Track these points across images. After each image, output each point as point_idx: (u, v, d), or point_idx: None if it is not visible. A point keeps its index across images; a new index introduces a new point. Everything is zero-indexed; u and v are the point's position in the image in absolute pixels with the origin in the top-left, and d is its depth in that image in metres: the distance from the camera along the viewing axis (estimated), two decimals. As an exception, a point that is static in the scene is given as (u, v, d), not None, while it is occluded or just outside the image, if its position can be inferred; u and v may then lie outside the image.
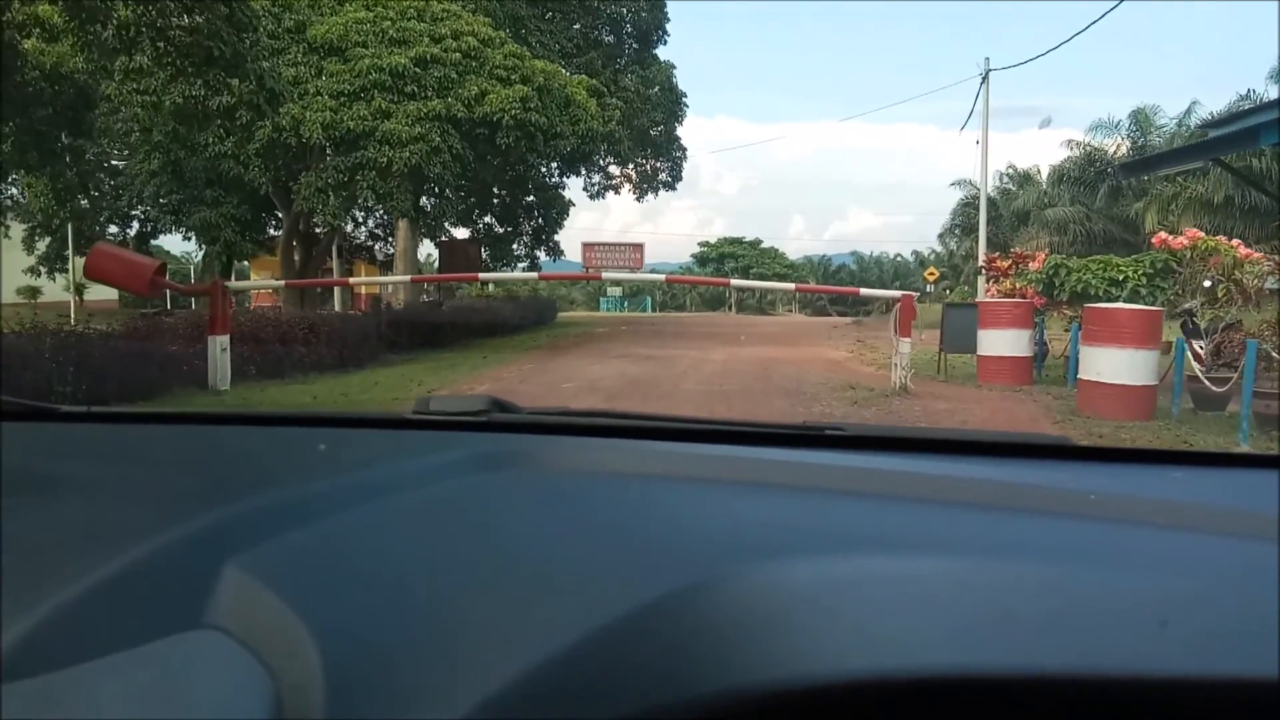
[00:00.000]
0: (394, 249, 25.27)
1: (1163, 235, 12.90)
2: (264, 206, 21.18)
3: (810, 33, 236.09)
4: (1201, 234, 12.04)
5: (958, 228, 38.04)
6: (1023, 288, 13.58)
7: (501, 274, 24.12)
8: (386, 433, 1.28)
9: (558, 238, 26.43)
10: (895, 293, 11.16)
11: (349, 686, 0.54)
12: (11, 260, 25.56)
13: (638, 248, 37.69)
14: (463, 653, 0.57)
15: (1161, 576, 0.67)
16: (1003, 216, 33.11)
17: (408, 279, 20.41)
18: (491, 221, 26.25)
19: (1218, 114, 22.31)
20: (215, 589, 0.65)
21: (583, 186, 30.30)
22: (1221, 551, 0.74)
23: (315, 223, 20.77)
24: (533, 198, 25.50)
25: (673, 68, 26.68)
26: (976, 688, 0.52)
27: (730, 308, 48.52)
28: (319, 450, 1.13)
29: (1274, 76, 24.74)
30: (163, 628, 0.59)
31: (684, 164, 28.75)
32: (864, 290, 19.88)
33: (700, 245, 59.12)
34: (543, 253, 26.16)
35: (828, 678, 0.52)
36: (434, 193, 20.73)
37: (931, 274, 31.44)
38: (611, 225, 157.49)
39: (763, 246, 57.15)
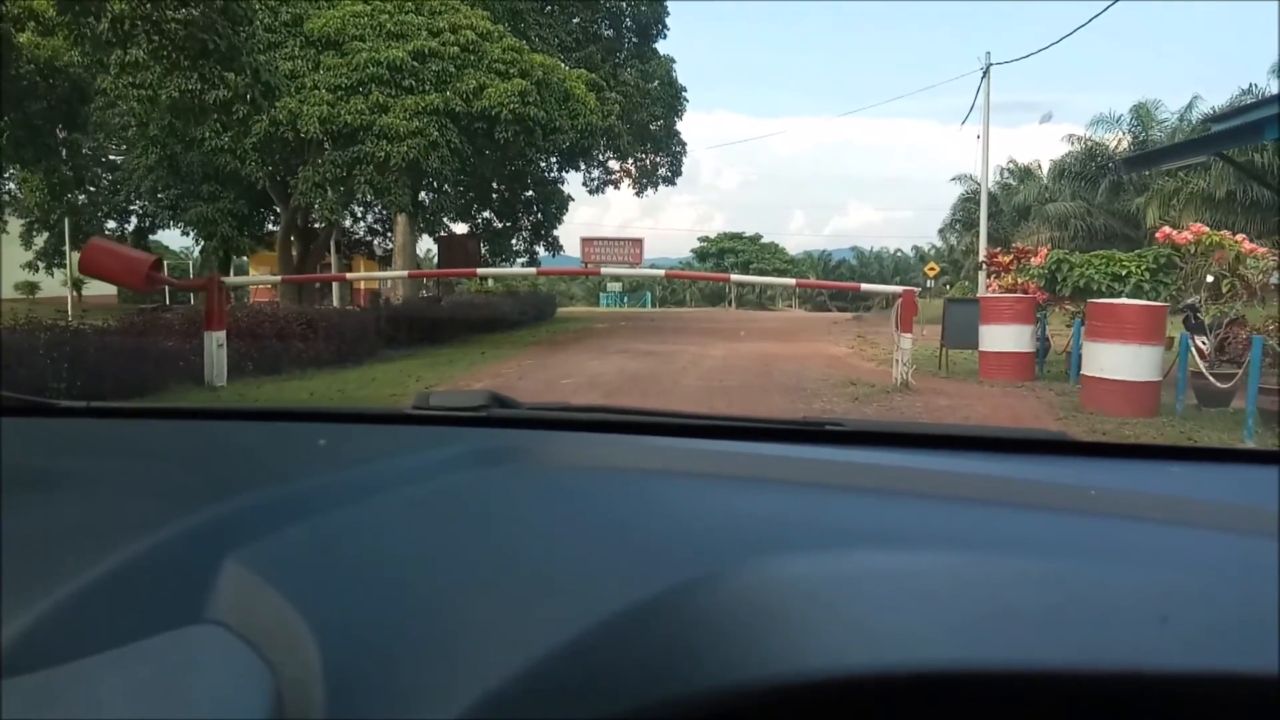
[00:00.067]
0: (392, 244, 25.22)
1: (1167, 230, 12.87)
2: (262, 201, 21.11)
3: (810, 28, 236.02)
4: (1206, 229, 12.00)
5: (958, 223, 38.12)
6: (1025, 283, 13.54)
7: (500, 269, 24.21)
8: (386, 428, 1.30)
9: (557, 233, 26.53)
10: (896, 288, 11.13)
11: (348, 681, 0.55)
12: (9, 255, 25.52)
13: (637, 243, 37.85)
14: (462, 647, 0.58)
15: (1162, 572, 0.67)
16: (1003, 212, 33.14)
17: (406, 274, 20.39)
18: (490, 216, 26.26)
19: (1220, 109, 22.26)
20: (215, 584, 0.65)
21: (582, 181, 30.41)
22: (1221, 547, 0.74)
23: (313, 218, 20.74)
24: (532, 192, 25.51)
25: (672, 62, 26.71)
26: (976, 683, 0.52)
27: (730, 303, 48.57)
28: (318, 445, 1.14)
29: (1276, 71, 24.71)
30: (162, 623, 0.60)
31: (683, 159, 28.87)
32: (864, 285, 19.93)
33: (700, 240, 59.18)
34: (542, 248, 26.23)
35: (827, 673, 0.52)
36: (432, 187, 20.70)
37: (932, 269, 31.47)
38: (611, 220, 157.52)
39: (763, 242, 57.25)
